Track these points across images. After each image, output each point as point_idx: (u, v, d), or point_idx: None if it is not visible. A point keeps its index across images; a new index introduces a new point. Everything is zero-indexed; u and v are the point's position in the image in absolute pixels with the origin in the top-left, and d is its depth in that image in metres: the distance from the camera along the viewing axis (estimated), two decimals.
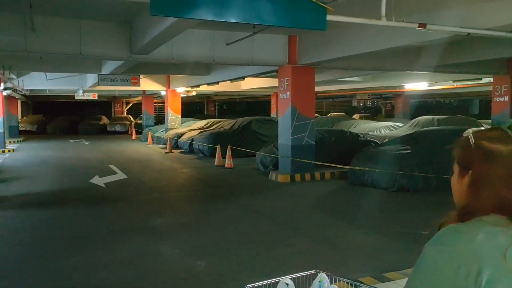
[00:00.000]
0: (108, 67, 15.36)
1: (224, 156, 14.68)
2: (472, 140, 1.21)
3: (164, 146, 21.17)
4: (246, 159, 15.62)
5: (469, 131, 1.24)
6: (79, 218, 8.29)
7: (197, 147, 17.87)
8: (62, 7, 8.80)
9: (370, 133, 19.40)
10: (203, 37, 10.76)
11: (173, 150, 19.70)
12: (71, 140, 26.91)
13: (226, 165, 14.39)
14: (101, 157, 17.93)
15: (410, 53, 12.60)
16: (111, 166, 14.82)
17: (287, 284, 2.22)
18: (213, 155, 15.69)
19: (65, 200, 9.90)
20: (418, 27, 6.12)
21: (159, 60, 11.70)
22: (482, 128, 1.27)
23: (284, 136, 12.19)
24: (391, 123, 21.83)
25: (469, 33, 6.60)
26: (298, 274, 2.53)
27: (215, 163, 14.86)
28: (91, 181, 11.92)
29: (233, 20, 5.01)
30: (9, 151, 19.75)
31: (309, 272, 2.57)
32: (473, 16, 6.92)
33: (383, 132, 20.04)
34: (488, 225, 1.13)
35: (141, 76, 19.46)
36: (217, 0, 4.84)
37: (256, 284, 2.32)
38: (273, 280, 2.34)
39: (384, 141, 13.98)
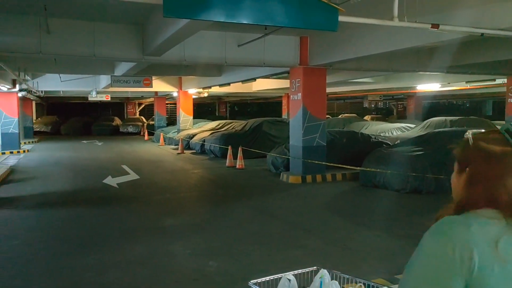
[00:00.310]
0: (121, 69, 15.49)
1: (235, 157, 14.71)
2: (471, 141, 1.33)
3: (176, 147, 21.27)
4: (257, 160, 15.63)
5: (469, 132, 1.35)
6: (92, 218, 8.37)
7: (208, 148, 17.93)
8: (76, 10, 8.90)
9: (381, 134, 19.32)
10: (215, 38, 10.80)
11: (184, 151, 19.79)
12: (84, 141, 27.13)
13: (237, 166, 14.43)
14: (113, 158, 18.07)
15: (423, 54, 12.52)
16: (124, 166, 14.92)
17: (289, 280, 2.28)
18: (224, 156, 15.74)
19: (78, 200, 10.00)
20: (431, 28, 6.09)
21: (171, 62, 11.76)
22: (482, 130, 1.39)
23: (295, 137, 12.19)
24: (403, 125, 21.72)
25: (482, 34, 6.55)
26: (300, 271, 2.58)
27: (226, 164, 14.90)
28: (104, 181, 12.02)
29: (244, 21, 5.04)
30: (24, 151, 19.98)
31: (311, 268, 2.63)
32: (486, 16, 6.86)
33: (394, 133, 19.96)
34: (482, 217, 1.24)
35: (153, 78, 19.60)
36: (229, 1, 4.87)
37: (259, 280, 2.41)
38: (276, 276, 2.41)
39: (396, 143, 13.92)
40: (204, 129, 21.75)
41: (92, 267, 5.62)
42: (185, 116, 24.72)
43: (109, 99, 27.23)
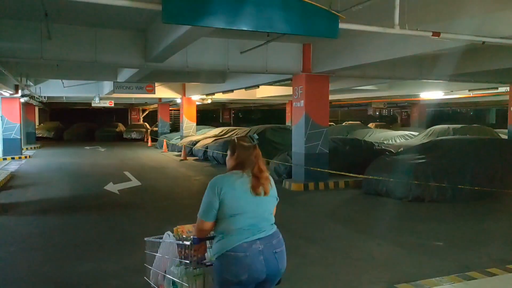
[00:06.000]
0: (124, 75, 15.52)
1: None
2: (236, 141, 3.05)
3: (179, 153, 21.26)
4: None
5: (235, 138, 3.13)
6: (92, 225, 8.33)
7: (211, 155, 17.90)
8: (77, 16, 8.90)
9: (385, 142, 19.28)
10: (217, 45, 10.79)
11: (187, 158, 19.77)
12: (87, 147, 27.17)
13: None
14: (116, 164, 18.06)
15: (426, 62, 12.50)
16: (126, 173, 14.91)
17: (169, 235, 3.59)
18: None
19: (78, 207, 9.96)
20: (432, 36, 6.06)
21: (174, 68, 11.76)
22: (241, 135, 3.38)
23: (298, 145, 12.14)
24: (406, 132, 21.69)
25: (483, 42, 6.50)
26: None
27: None
28: (105, 187, 11.99)
29: (245, 28, 5.01)
30: (25, 157, 20.01)
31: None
32: (488, 25, 6.82)
33: (398, 141, 19.91)
34: (232, 173, 2.96)
35: (156, 84, 19.63)
36: (229, 8, 4.84)
37: (151, 238, 3.90)
38: (161, 235, 3.68)
39: (399, 150, 13.86)
40: (207, 135, 21.73)
41: (88, 275, 5.57)
42: (188, 122, 24.73)
43: (113, 105, 27.26)
